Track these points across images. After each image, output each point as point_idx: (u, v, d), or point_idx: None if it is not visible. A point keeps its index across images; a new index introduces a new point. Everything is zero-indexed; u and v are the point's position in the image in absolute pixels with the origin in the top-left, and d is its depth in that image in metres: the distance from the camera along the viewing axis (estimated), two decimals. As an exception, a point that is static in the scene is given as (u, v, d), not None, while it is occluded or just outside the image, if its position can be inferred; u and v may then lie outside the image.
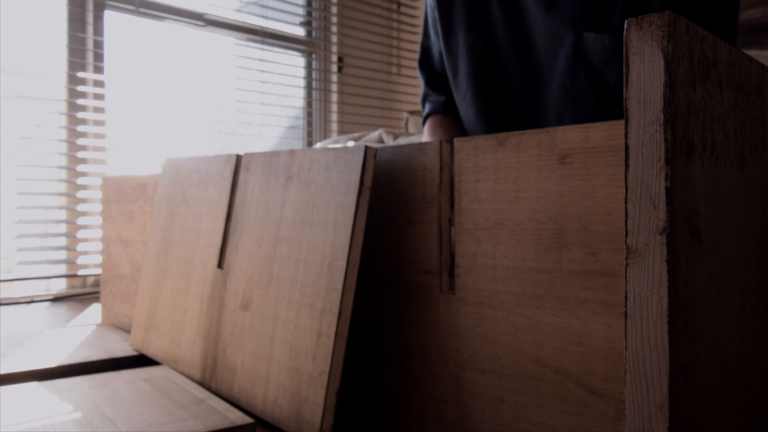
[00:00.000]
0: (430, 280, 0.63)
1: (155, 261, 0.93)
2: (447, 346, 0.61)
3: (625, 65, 0.36)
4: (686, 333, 0.36)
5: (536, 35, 0.89)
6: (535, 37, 0.89)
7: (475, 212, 0.58)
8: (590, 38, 0.83)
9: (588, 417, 0.50)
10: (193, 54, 2.02)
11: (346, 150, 0.64)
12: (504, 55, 0.94)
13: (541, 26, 0.88)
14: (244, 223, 0.76)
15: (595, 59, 0.83)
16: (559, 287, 0.52)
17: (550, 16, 0.86)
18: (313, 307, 0.63)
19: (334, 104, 2.32)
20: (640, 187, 0.35)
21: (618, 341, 0.48)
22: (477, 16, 0.95)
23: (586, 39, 0.83)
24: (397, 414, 0.66)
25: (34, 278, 1.65)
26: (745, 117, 0.43)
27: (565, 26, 0.85)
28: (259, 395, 0.67)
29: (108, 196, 1.18)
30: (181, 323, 0.84)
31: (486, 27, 0.95)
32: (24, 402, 0.69)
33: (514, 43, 0.92)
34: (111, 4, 1.73)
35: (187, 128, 1.98)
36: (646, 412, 0.35)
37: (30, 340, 1.00)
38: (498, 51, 0.94)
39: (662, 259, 0.34)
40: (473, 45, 0.96)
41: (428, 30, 1.09)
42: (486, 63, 0.95)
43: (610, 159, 0.49)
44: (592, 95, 0.85)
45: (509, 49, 0.93)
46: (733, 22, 0.82)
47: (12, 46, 1.61)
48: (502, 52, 0.94)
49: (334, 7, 2.31)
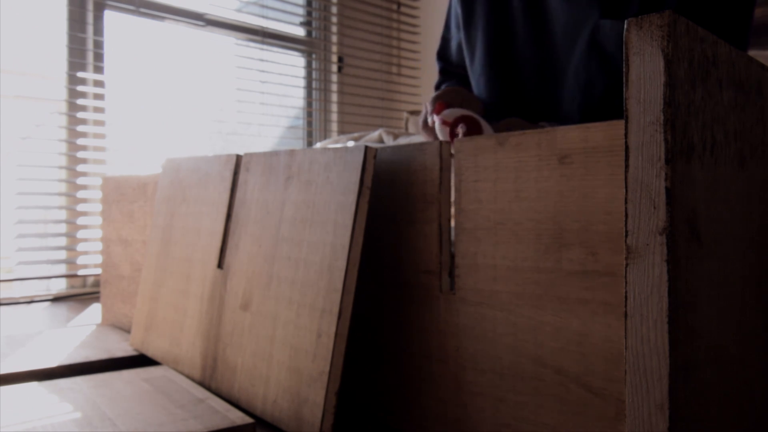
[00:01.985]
0: (430, 280, 0.63)
1: (155, 261, 0.93)
2: (447, 346, 0.61)
3: (625, 65, 0.36)
4: (686, 333, 0.36)
5: (555, 24, 0.92)
6: (554, 26, 0.92)
7: (475, 212, 0.58)
8: (607, 25, 0.85)
9: (588, 417, 0.50)
10: (193, 54, 2.02)
11: (346, 150, 0.64)
12: (521, 43, 0.96)
13: (561, 15, 0.90)
14: (244, 223, 0.76)
15: (610, 46, 0.86)
16: (559, 287, 0.52)
17: (570, 4, 0.89)
18: (313, 307, 0.63)
19: (334, 104, 2.31)
20: (640, 187, 0.35)
21: (618, 341, 0.48)
22: (497, 6, 0.99)
23: (603, 26, 0.85)
24: (397, 414, 0.66)
25: (34, 278, 1.65)
26: (745, 117, 0.43)
27: (584, 14, 0.87)
28: (259, 395, 0.67)
29: (108, 196, 1.18)
30: (181, 323, 0.84)
31: (505, 15, 0.98)
32: (24, 402, 0.69)
33: (532, 32, 0.95)
34: (111, 4, 1.73)
35: (187, 128, 1.98)
36: (646, 412, 0.35)
37: (30, 340, 1.00)
38: (515, 38, 0.97)
39: (662, 259, 0.34)
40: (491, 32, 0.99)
41: (449, 22, 1.13)
42: (502, 49, 0.99)
43: (610, 159, 0.49)
44: (603, 81, 0.87)
45: (527, 38, 0.95)
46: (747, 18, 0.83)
47: (12, 46, 1.61)
48: (519, 39, 0.96)
49: (334, 7, 2.31)
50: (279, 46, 2.17)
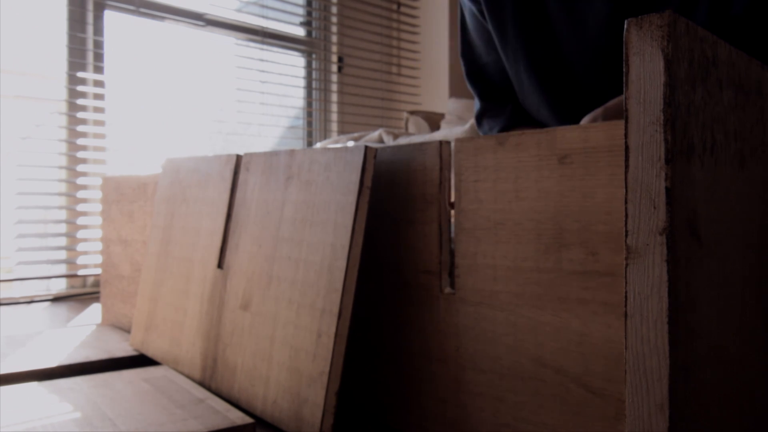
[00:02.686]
0: (430, 280, 0.63)
1: (155, 261, 0.93)
2: (447, 346, 0.61)
3: (625, 65, 0.36)
4: (686, 333, 0.36)
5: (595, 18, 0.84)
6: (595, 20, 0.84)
7: (475, 212, 0.58)
8: None
9: (588, 417, 0.50)
10: (193, 54, 2.02)
11: (346, 150, 0.64)
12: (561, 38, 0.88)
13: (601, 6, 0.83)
14: (244, 223, 0.76)
15: None
16: (559, 287, 0.52)
17: None
18: (313, 307, 0.63)
19: (334, 104, 2.31)
20: (640, 187, 0.35)
21: (618, 341, 0.48)
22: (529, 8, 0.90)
23: None
24: (397, 414, 0.66)
25: (34, 278, 1.65)
26: (745, 117, 0.43)
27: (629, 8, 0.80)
28: (259, 395, 0.67)
29: (108, 196, 1.18)
30: (181, 323, 0.84)
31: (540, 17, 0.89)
32: (24, 402, 0.69)
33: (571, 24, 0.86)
34: (111, 4, 1.73)
35: (187, 128, 1.98)
36: (646, 412, 0.35)
37: (30, 340, 1.00)
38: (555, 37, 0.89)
39: (662, 259, 0.34)
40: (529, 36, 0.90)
41: (470, 41, 1.02)
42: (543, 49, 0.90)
43: (610, 159, 0.49)
44: None
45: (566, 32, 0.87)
46: None
47: (12, 46, 1.61)
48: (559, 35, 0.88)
49: (334, 7, 2.31)
50: (279, 46, 2.17)
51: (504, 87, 1.00)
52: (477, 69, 1.03)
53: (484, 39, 0.99)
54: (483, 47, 1.00)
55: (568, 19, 0.87)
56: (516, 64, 0.93)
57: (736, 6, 0.76)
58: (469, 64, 1.04)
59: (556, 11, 0.88)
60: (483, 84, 1.03)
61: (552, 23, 0.89)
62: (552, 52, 0.90)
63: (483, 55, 1.01)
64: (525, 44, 0.91)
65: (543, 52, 0.90)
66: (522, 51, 0.91)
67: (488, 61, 1.00)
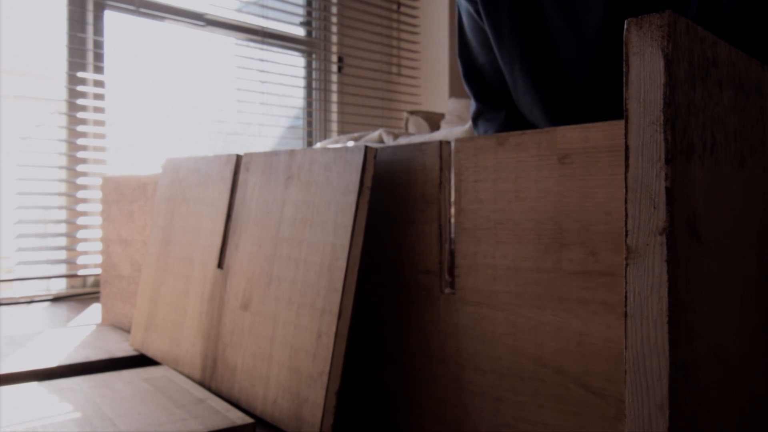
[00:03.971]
0: (430, 280, 0.63)
1: (155, 261, 0.93)
2: (447, 346, 0.61)
3: (625, 65, 0.36)
4: (686, 333, 0.36)
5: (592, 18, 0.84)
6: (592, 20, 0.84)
7: (475, 212, 0.58)
8: None
9: (588, 417, 0.50)
10: (193, 54, 2.02)
11: (346, 150, 0.64)
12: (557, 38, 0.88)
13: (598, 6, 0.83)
14: (244, 223, 0.76)
15: None
16: (559, 287, 0.52)
17: None
18: (313, 307, 0.63)
19: (334, 104, 2.32)
20: (640, 187, 0.35)
21: (618, 341, 0.48)
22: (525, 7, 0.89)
23: None
24: (397, 414, 0.66)
25: (34, 278, 1.65)
26: (745, 117, 0.43)
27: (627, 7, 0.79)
28: (259, 395, 0.67)
29: (108, 196, 1.18)
30: (181, 323, 0.84)
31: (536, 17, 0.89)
32: (24, 402, 0.69)
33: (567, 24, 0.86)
34: (111, 4, 1.73)
35: (187, 128, 1.98)
36: (646, 412, 0.35)
37: (30, 340, 1.00)
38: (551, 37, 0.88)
39: (662, 259, 0.34)
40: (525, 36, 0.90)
41: (466, 41, 1.02)
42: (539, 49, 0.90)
43: (610, 159, 0.49)
44: None
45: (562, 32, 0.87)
46: None
47: (12, 46, 1.61)
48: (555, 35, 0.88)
49: (334, 7, 2.31)
50: (279, 46, 2.17)
51: (500, 90, 1.00)
52: (474, 70, 1.03)
53: (480, 39, 0.99)
54: (479, 47, 1.00)
55: (565, 18, 0.87)
56: (511, 63, 0.93)
57: (726, 2, 0.77)
58: (466, 65, 1.04)
59: (552, 11, 0.88)
60: (479, 86, 1.03)
61: (548, 22, 0.89)
62: (548, 52, 0.90)
63: (479, 55, 1.01)
64: (521, 44, 0.91)
65: (538, 51, 0.90)
66: (518, 50, 0.92)
67: (484, 61, 1.00)
